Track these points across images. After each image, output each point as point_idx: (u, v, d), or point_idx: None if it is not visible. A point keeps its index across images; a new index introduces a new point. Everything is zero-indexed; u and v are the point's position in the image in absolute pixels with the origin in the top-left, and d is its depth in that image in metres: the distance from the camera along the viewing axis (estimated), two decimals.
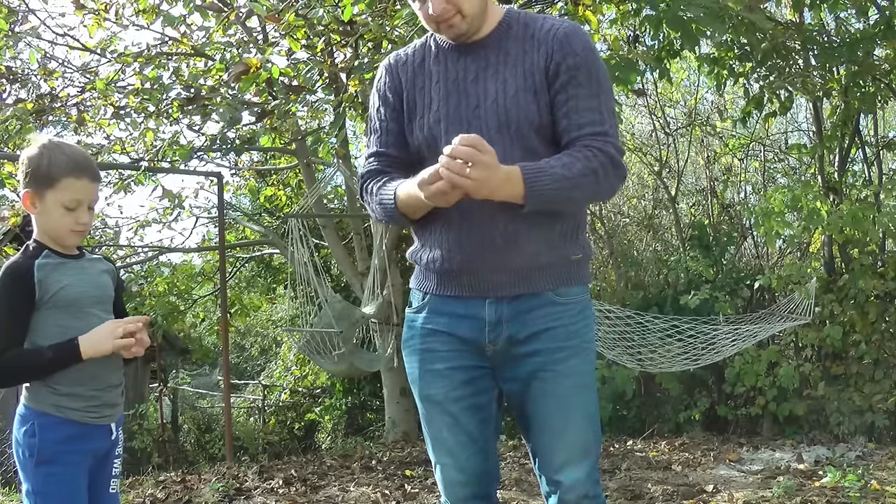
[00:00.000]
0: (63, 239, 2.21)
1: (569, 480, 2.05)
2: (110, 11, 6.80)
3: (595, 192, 2.01)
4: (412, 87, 2.11)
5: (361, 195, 2.19)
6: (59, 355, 2.13)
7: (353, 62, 5.59)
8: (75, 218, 2.18)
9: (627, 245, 9.76)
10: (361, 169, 2.21)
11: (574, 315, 2.07)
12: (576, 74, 2.00)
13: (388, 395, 8.53)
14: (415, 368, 2.14)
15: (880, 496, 4.47)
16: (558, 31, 2.03)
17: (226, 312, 7.01)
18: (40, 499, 2.15)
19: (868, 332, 6.84)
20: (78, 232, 2.20)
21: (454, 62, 2.08)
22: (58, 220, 2.18)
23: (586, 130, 1.98)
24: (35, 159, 2.17)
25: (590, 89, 2.00)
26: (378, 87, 2.18)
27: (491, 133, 1.98)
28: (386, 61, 2.20)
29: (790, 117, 9.46)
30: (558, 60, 2.00)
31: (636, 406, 8.10)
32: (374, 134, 2.18)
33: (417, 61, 2.13)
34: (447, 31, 2.03)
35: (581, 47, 2.02)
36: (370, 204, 2.14)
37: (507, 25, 2.07)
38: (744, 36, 5.67)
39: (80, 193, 2.17)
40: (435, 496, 4.89)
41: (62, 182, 2.15)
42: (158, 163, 7.49)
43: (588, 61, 2.02)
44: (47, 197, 2.17)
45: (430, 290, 2.12)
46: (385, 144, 2.15)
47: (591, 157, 1.95)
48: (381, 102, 2.16)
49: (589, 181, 1.95)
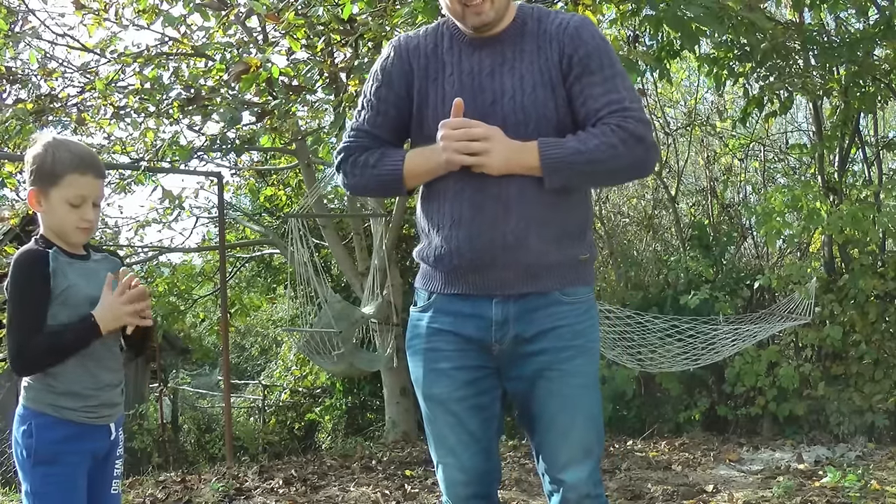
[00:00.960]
0: (69, 236, 2.18)
1: (571, 480, 2.05)
2: (110, 11, 6.79)
3: (617, 166, 1.99)
4: (424, 77, 2.08)
5: (343, 167, 2.13)
6: (79, 336, 2.12)
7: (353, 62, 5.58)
8: (80, 214, 2.16)
9: (627, 245, 9.75)
10: (345, 140, 2.15)
11: (580, 315, 2.07)
12: (588, 63, 2.01)
13: (388, 395, 8.53)
14: (419, 367, 2.13)
15: (880, 496, 4.47)
16: (569, 26, 2.04)
17: (226, 312, 7.01)
18: (38, 499, 2.14)
19: (868, 332, 6.84)
20: (83, 229, 2.18)
21: (468, 55, 2.06)
22: (63, 218, 2.16)
23: (603, 112, 1.98)
24: (39, 157, 2.16)
25: (602, 74, 2.01)
26: (383, 66, 2.12)
27: (507, 130, 1.97)
28: (396, 41, 2.15)
29: (790, 117, 9.46)
30: (570, 53, 2.01)
31: (636, 406, 8.10)
32: (365, 111, 2.13)
33: (430, 47, 2.09)
34: (473, 17, 2.00)
35: (590, 36, 2.03)
36: (357, 176, 2.11)
37: (521, 21, 2.07)
38: (743, 36, 5.66)
39: (84, 189, 2.15)
40: (435, 496, 4.89)
41: (66, 179, 2.13)
42: (158, 163, 7.49)
43: (599, 48, 2.03)
44: (52, 194, 2.15)
45: (436, 289, 2.11)
46: (376, 125, 2.11)
47: (608, 132, 1.95)
48: (382, 83, 2.11)
49: (607, 155, 1.94)
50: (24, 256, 2.14)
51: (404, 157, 2.06)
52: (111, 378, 2.24)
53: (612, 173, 2.05)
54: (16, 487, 6.29)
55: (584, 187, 2.10)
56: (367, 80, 2.18)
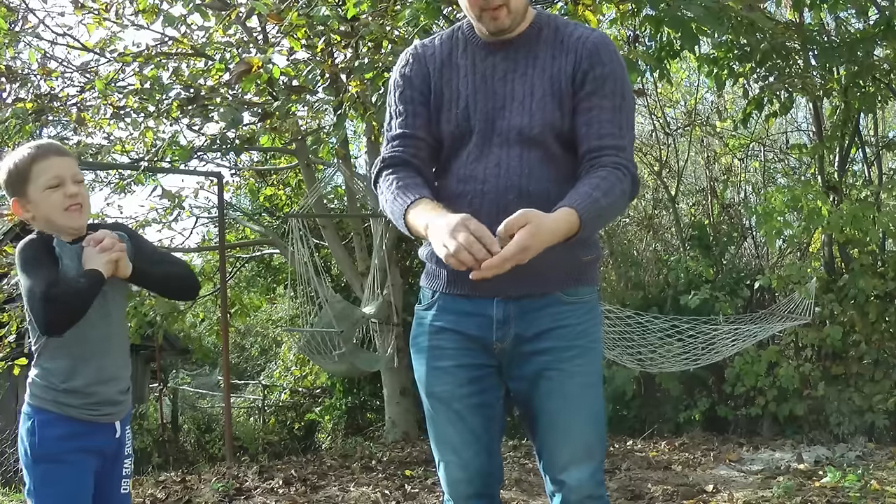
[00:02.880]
0: (61, 221, 2.18)
1: (572, 480, 2.04)
2: (110, 11, 6.79)
3: (622, 210, 2.08)
4: (440, 78, 2.10)
5: (376, 182, 2.13)
6: (90, 280, 2.10)
7: (353, 62, 5.58)
8: (63, 193, 2.15)
9: (627, 245, 9.75)
10: (383, 152, 2.15)
11: (582, 314, 2.07)
12: (602, 85, 2.01)
13: (388, 395, 8.52)
14: (422, 365, 2.13)
15: (880, 496, 4.47)
16: (588, 41, 2.04)
17: (226, 312, 7.01)
18: (40, 497, 2.14)
19: (868, 332, 6.84)
20: (73, 208, 2.17)
21: (482, 59, 2.08)
22: (49, 206, 2.16)
23: (606, 142, 2.00)
24: (4, 171, 2.20)
25: (613, 101, 2.02)
26: (404, 73, 2.14)
27: (512, 134, 2.00)
28: (413, 48, 2.17)
29: (790, 117, 9.45)
30: (586, 69, 2.01)
31: (636, 406, 8.11)
32: (398, 118, 2.13)
33: (445, 53, 2.12)
34: (489, 22, 2.01)
35: (609, 59, 2.03)
36: (383, 195, 2.09)
37: (537, 28, 2.08)
38: (743, 36, 5.67)
39: (54, 169, 2.16)
40: (435, 496, 4.89)
41: (33, 171, 2.15)
42: (158, 163, 7.49)
43: (615, 73, 2.03)
44: (29, 192, 2.17)
45: (440, 288, 2.12)
46: (413, 126, 2.11)
47: (622, 178, 1.98)
48: (407, 86, 2.12)
49: (622, 203, 2.02)
50: (28, 241, 2.16)
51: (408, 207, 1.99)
52: (115, 373, 2.23)
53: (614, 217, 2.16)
54: (15, 487, 6.29)
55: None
56: (389, 92, 2.19)
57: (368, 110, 5.40)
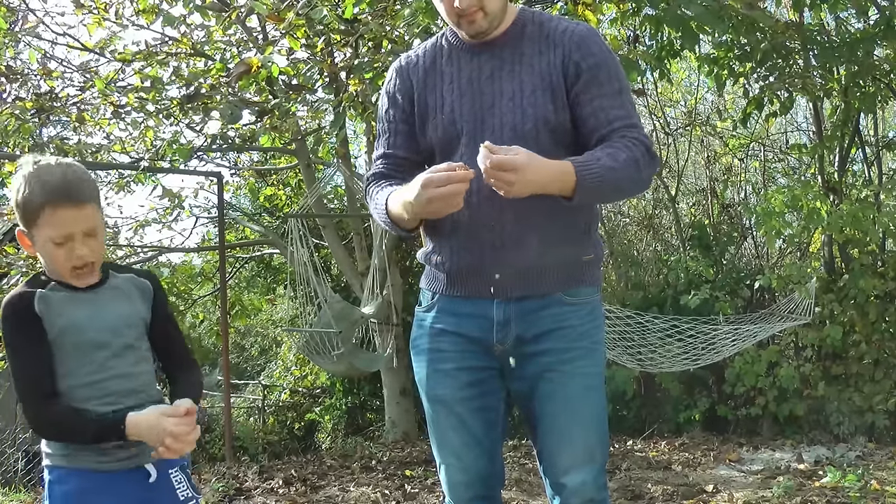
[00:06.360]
0: (65, 278, 1.86)
1: (573, 484, 2.03)
2: (110, 11, 6.79)
3: (636, 182, 2.01)
4: (423, 88, 2.10)
5: (366, 198, 2.18)
6: (103, 434, 1.80)
7: (353, 62, 5.58)
8: (69, 252, 1.81)
9: (627, 245, 9.75)
10: (371, 169, 2.21)
11: (584, 316, 2.06)
12: (597, 74, 2.01)
13: (388, 395, 8.52)
14: (422, 368, 2.13)
15: (880, 496, 4.47)
16: (574, 33, 2.04)
17: (226, 313, 7.01)
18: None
19: (868, 332, 6.83)
20: (78, 268, 1.84)
21: (468, 61, 2.08)
22: (52, 259, 1.84)
23: (617, 124, 1.99)
24: (16, 191, 1.83)
25: (612, 86, 2.02)
26: (388, 90, 2.17)
27: (505, 131, 1.99)
28: (397, 63, 2.19)
29: (790, 117, 9.45)
30: (577, 60, 2.01)
31: (636, 406, 8.10)
32: (382, 136, 2.17)
33: (428, 62, 2.12)
34: (467, 26, 2.02)
35: (598, 48, 2.04)
36: (371, 203, 2.14)
37: (521, 25, 2.08)
38: (744, 36, 5.66)
39: (63, 226, 1.79)
40: (435, 496, 4.88)
41: (42, 217, 1.79)
42: (158, 163, 7.48)
43: (607, 61, 2.03)
44: (35, 235, 1.83)
45: (440, 290, 2.12)
46: (393, 146, 2.15)
47: (631, 146, 1.96)
48: (389, 104, 2.15)
49: (632, 171, 1.95)
50: (8, 302, 1.83)
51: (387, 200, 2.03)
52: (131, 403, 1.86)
53: (631, 188, 2.07)
54: (15, 487, 6.28)
55: (597, 202, 2.11)
56: (379, 108, 2.22)
57: (367, 110, 5.40)
